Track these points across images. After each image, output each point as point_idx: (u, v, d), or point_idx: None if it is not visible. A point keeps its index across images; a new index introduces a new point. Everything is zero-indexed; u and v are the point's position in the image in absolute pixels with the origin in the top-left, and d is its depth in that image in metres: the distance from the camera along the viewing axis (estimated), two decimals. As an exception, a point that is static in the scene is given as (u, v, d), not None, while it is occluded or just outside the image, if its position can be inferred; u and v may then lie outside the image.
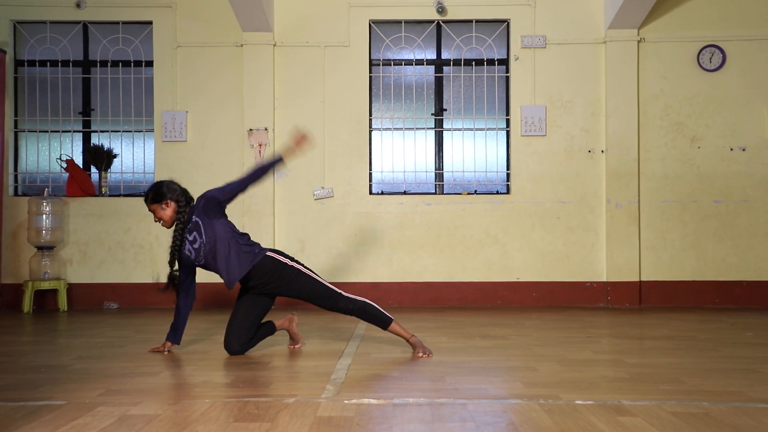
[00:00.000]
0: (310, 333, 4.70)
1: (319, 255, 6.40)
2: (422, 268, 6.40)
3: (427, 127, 6.62)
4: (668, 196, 6.39)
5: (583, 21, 6.46)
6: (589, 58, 6.45)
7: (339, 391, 2.98)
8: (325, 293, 3.80)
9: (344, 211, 6.46)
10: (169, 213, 3.76)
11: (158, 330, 4.95)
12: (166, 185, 3.80)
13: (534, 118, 6.40)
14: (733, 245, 6.36)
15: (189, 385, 3.12)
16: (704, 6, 6.43)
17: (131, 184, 6.64)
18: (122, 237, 6.44)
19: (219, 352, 3.97)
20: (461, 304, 6.36)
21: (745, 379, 3.21)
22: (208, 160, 6.47)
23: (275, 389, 3.02)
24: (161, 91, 6.50)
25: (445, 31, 6.61)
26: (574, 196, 6.40)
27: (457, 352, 4.00)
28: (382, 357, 3.83)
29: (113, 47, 6.61)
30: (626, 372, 3.38)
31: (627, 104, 6.35)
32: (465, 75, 6.60)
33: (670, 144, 6.40)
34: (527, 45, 6.43)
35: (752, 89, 6.39)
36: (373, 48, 6.62)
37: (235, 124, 6.47)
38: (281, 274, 3.78)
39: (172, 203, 3.76)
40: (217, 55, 6.51)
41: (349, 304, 3.80)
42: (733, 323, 5.19)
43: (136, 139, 6.67)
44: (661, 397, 2.84)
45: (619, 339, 4.53)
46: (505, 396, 2.90)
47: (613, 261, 6.31)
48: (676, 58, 6.42)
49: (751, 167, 6.37)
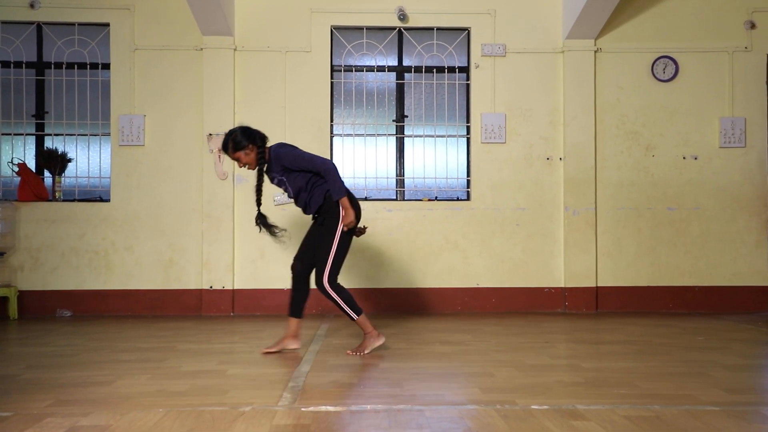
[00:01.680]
0: (269, 341, 4.66)
1: (279, 261, 6.36)
2: (383, 275, 6.40)
3: (388, 134, 6.64)
4: (624, 203, 6.51)
5: (542, 31, 6.56)
6: (548, 68, 6.54)
7: (296, 399, 2.96)
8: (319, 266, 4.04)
9: (304, 217, 6.41)
10: (253, 156, 4.03)
11: (112, 338, 4.87)
12: (243, 132, 4.02)
13: (494, 126, 6.47)
14: (685, 251, 6.50)
15: (142, 395, 3.06)
16: (658, 19, 6.58)
17: (86, 189, 6.51)
18: (76, 243, 6.30)
19: (175, 360, 3.91)
20: (421, 310, 6.37)
21: (696, 382, 3.28)
22: (166, 164, 6.38)
23: (231, 397, 2.99)
24: (118, 95, 6.39)
25: (406, 39, 6.64)
26: (533, 203, 6.48)
27: (416, 358, 4.01)
28: (340, 363, 3.82)
29: (69, 49, 6.48)
30: (582, 377, 3.42)
31: (584, 113, 6.45)
32: (426, 82, 6.64)
33: (625, 152, 6.53)
34: (487, 53, 6.50)
35: (704, 100, 6.56)
36: (335, 54, 6.61)
37: (194, 128, 6.39)
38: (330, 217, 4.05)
39: (254, 147, 4.02)
40: (176, 59, 6.42)
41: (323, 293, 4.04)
42: (685, 328, 5.31)
43: (92, 143, 6.53)
44: (615, 401, 2.89)
45: (576, 344, 4.60)
46: (462, 402, 2.91)
47: (571, 267, 6.40)
48: (632, 68, 6.56)
49: (703, 175, 6.54)
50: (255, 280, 6.36)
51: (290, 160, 4.01)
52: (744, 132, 6.50)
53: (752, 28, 6.54)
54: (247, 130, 4.05)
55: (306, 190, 4.08)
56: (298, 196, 4.12)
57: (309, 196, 4.09)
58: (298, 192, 4.10)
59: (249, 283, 6.35)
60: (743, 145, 6.50)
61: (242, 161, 4.04)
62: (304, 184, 4.07)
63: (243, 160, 4.03)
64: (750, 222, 6.51)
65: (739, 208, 6.51)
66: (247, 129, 4.06)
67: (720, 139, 6.51)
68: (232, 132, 4.04)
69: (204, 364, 3.81)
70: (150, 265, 6.33)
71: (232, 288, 6.31)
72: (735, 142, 6.50)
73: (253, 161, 4.04)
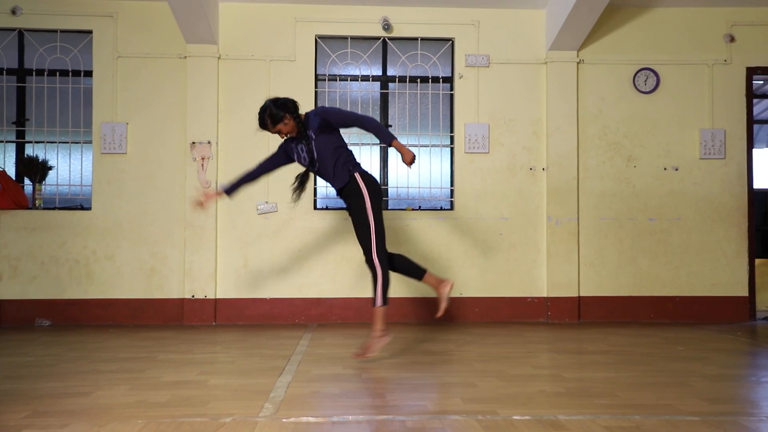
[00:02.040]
0: (251, 351, 4.63)
1: (262, 270, 6.34)
2: (367, 284, 6.38)
3: (372, 143, 6.64)
4: (606, 213, 6.56)
5: (526, 42, 6.61)
6: (531, 78, 6.59)
7: (277, 410, 2.94)
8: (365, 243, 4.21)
9: (288, 226, 6.42)
10: (292, 124, 4.22)
11: (92, 348, 4.81)
12: (275, 105, 4.18)
13: (477, 136, 6.50)
14: (666, 262, 6.56)
15: (122, 406, 3.02)
16: (639, 31, 6.66)
17: (67, 197, 6.45)
18: (56, 251, 6.24)
19: (156, 370, 3.87)
20: (405, 319, 6.37)
21: (676, 392, 3.31)
22: (149, 172, 6.34)
23: (212, 408, 2.96)
24: (101, 102, 6.35)
25: (390, 48, 6.66)
26: (517, 213, 6.51)
27: (399, 368, 4.00)
28: (323, 374, 3.81)
29: (51, 56, 6.43)
30: (564, 387, 3.43)
31: (567, 123, 6.50)
32: (410, 92, 6.66)
33: (607, 163, 6.58)
34: (471, 64, 6.54)
35: (684, 111, 6.63)
36: (319, 63, 6.62)
37: (177, 136, 6.37)
38: (354, 197, 4.22)
39: (290, 116, 4.19)
40: (159, 67, 6.40)
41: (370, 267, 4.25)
42: (666, 338, 5.34)
43: (74, 151, 6.48)
44: (596, 412, 2.90)
45: (558, 354, 4.61)
46: (444, 412, 2.91)
47: (554, 277, 6.43)
48: (613, 80, 6.62)
49: (684, 186, 6.60)
50: (238, 290, 6.32)
51: (336, 113, 4.23)
52: (723, 144, 6.57)
53: (732, 42, 6.63)
54: (277, 101, 4.21)
55: (332, 158, 4.22)
56: (322, 162, 4.24)
57: (333, 167, 4.23)
58: (323, 158, 4.22)
59: (231, 293, 6.31)
60: (723, 156, 6.57)
61: (283, 131, 4.24)
62: (332, 150, 4.22)
63: (284, 130, 4.23)
64: (729, 232, 6.58)
65: (719, 219, 6.58)
66: (277, 100, 4.21)
67: (700, 151, 6.58)
68: (265, 108, 4.20)
69: (185, 374, 3.78)
70: (131, 274, 6.28)
71: (215, 297, 6.27)
72: (715, 153, 6.57)
73: (294, 127, 4.24)
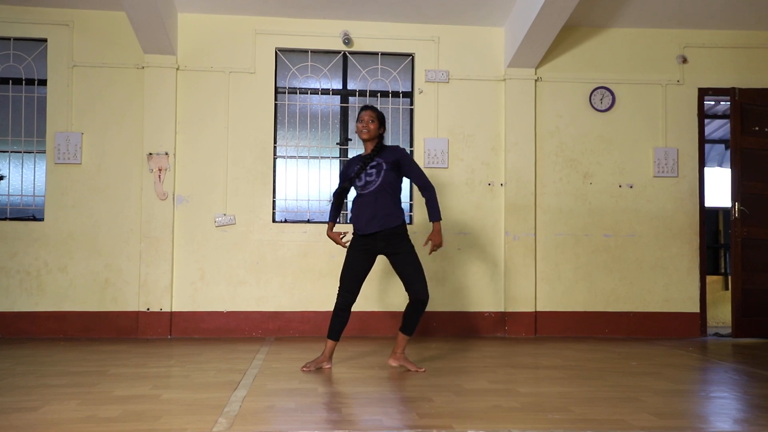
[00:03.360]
0: (206, 365, 4.56)
1: (219, 283, 6.26)
2: (325, 297, 6.35)
3: (332, 156, 6.64)
4: (562, 229, 6.66)
5: (485, 58, 6.70)
6: (490, 95, 6.68)
7: (232, 425, 2.90)
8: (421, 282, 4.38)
9: (246, 239, 6.36)
10: (374, 128, 4.43)
11: (42, 362, 4.68)
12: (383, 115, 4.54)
13: (437, 151, 6.55)
14: (621, 277, 6.68)
15: (71, 421, 2.95)
16: (595, 50, 6.81)
17: (19, 207, 6.30)
18: (7, 263, 6.08)
19: (107, 384, 3.79)
20: (363, 333, 6.35)
21: (628, 407, 3.36)
22: (104, 183, 6.23)
23: (164, 423, 2.91)
24: (55, 112, 6.23)
25: (351, 62, 6.69)
26: (475, 228, 6.57)
27: (355, 382, 3.99)
28: (278, 388, 3.77)
29: (3, 64, 6.29)
30: (518, 401, 3.46)
31: (525, 140, 6.60)
32: (371, 106, 6.68)
33: (564, 179, 6.69)
34: (431, 79, 6.60)
35: (639, 130, 6.79)
36: (279, 76, 6.61)
37: (134, 147, 6.27)
38: (403, 240, 4.42)
39: (382, 127, 4.49)
40: (116, 77, 6.31)
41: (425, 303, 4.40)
42: (620, 353, 5.43)
43: (26, 161, 6.34)
44: (550, 426, 2.92)
45: (514, 369, 4.64)
46: (399, 427, 2.90)
47: (511, 292, 6.49)
48: (570, 97, 6.75)
49: (638, 203, 6.74)
50: (194, 303, 6.24)
51: (409, 160, 4.45)
52: (676, 162, 6.74)
53: (684, 63, 6.82)
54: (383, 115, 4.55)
55: (392, 196, 4.40)
56: (381, 193, 4.36)
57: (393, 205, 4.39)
58: (384, 191, 4.36)
59: (187, 306, 6.22)
60: (676, 174, 6.74)
61: (369, 128, 4.42)
62: (390, 186, 4.38)
63: (370, 128, 4.42)
64: (682, 249, 6.73)
65: (671, 236, 6.73)
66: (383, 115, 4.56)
67: (654, 169, 6.74)
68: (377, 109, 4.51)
69: (137, 388, 3.71)
70: (85, 286, 6.15)
71: (170, 310, 6.17)
72: (668, 171, 6.73)
73: (374, 134, 4.44)
